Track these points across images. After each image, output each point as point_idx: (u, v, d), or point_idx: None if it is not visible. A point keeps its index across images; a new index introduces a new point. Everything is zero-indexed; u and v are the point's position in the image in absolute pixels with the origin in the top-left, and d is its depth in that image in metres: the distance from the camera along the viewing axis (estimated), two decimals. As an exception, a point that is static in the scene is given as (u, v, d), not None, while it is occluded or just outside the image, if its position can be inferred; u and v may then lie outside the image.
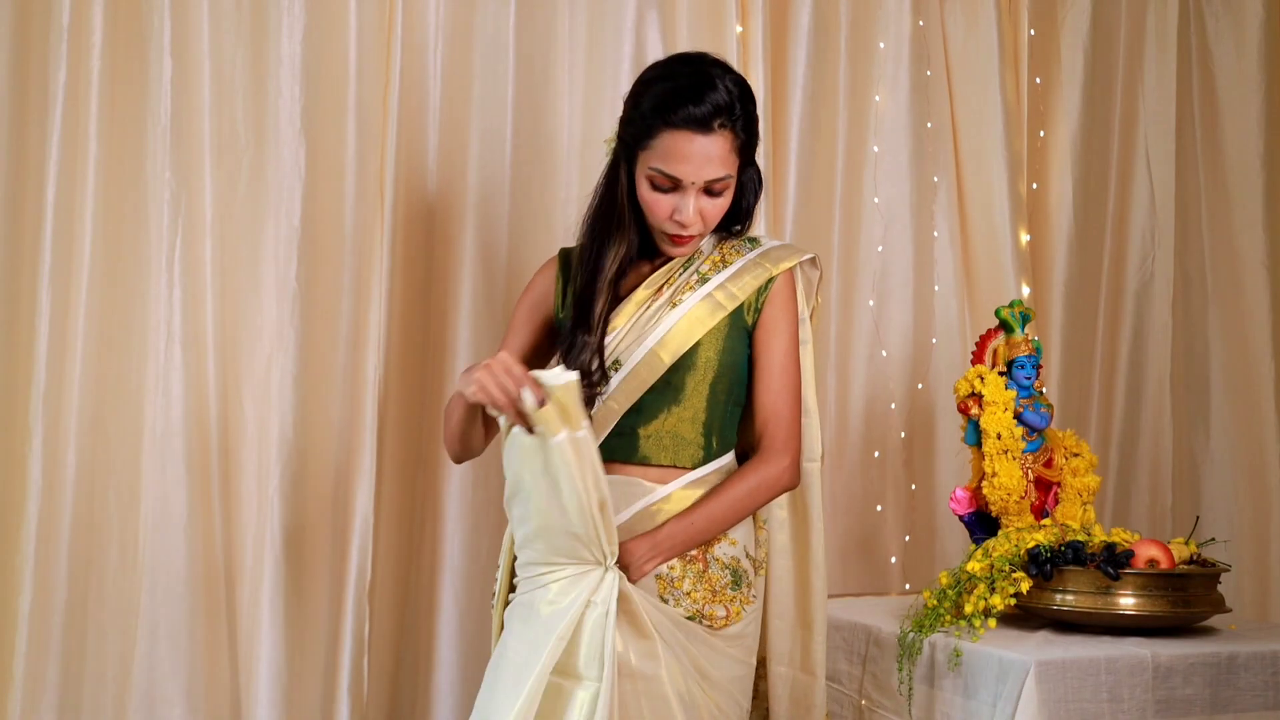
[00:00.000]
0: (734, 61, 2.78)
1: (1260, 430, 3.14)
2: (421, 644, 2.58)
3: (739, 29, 2.81)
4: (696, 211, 1.92)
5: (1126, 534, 2.10)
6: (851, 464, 2.94)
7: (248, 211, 2.44)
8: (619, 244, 1.99)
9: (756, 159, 2.01)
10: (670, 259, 2.02)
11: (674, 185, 1.91)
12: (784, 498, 2.04)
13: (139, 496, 2.36)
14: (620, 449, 1.96)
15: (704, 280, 1.99)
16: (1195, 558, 2.08)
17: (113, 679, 2.34)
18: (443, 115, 2.61)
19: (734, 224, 2.04)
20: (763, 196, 2.09)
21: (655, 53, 2.68)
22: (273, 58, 2.45)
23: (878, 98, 2.99)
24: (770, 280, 2.00)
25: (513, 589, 1.94)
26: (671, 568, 1.91)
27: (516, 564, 1.93)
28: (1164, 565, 1.99)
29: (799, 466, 2.00)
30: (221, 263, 2.43)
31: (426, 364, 2.60)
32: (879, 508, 2.95)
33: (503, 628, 1.93)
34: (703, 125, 1.87)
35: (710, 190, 1.92)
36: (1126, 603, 1.96)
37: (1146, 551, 2.00)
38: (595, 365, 1.95)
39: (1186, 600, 1.99)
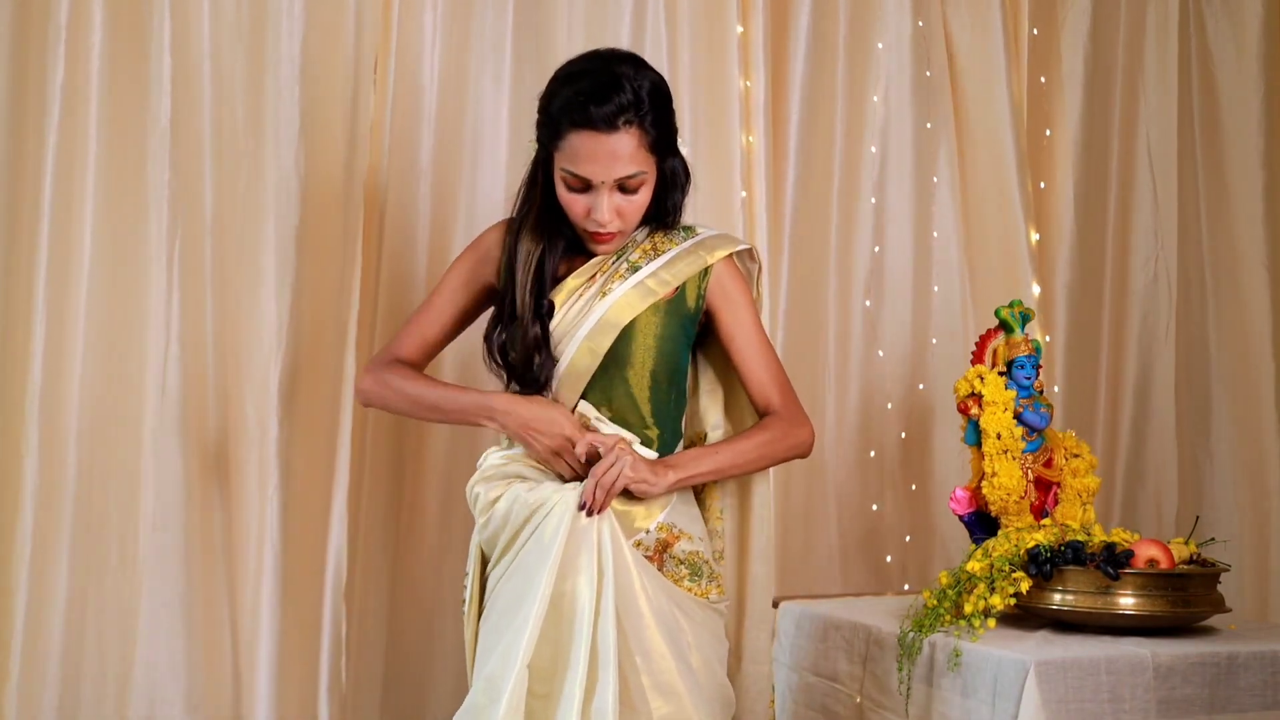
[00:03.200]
0: (734, 62, 2.78)
1: (1260, 430, 3.14)
2: (415, 642, 2.57)
3: (739, 29, 2.80)
4: (612, 209, 1.92)
5: (1126, 534, 2.10)
6: (850, 464, 2.94)
7: (247, 211, 2.44)
8: (549, 244, 1.99)
9: (681, 150, 2.00)
10: None
11: (585, 185, 1.91)
12: (731, 484, 2.06)
13: (138, 496, 2.36)
14: None
15: (635, 269, 1.98)
16: (1195, 558, 2.07)
17: (113, 679, 2.34)
18: (438, 116, 2.61)
19: (665, 216, 2.02)
20: (754, 192, 2.06)
21: (655, 55, 2.67)
22: (272, 58, 2.45)
23: (876, 98, 2.99)
24: (708, 268, 2.00)
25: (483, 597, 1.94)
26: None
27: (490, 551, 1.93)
28: (1164, 565, 1.98)
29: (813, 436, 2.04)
30: (221, 263, 2.43)
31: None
32: (875, 507, 2.95)
33: (477, 641, 1.92)
34: (608, 124, 1.86)
35: (624, 187, 1.92)
36: (1126, 603, 1.96)
37: (1146, 551, 2.00)
38: (539, 360, 1.95)
39: (1186, 600, 1.98)
